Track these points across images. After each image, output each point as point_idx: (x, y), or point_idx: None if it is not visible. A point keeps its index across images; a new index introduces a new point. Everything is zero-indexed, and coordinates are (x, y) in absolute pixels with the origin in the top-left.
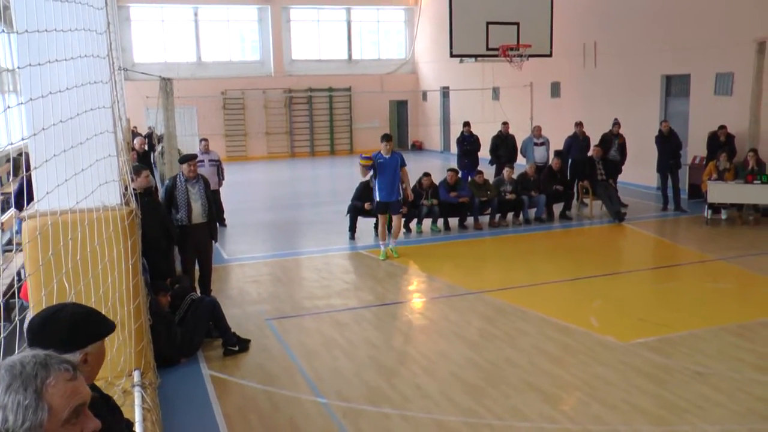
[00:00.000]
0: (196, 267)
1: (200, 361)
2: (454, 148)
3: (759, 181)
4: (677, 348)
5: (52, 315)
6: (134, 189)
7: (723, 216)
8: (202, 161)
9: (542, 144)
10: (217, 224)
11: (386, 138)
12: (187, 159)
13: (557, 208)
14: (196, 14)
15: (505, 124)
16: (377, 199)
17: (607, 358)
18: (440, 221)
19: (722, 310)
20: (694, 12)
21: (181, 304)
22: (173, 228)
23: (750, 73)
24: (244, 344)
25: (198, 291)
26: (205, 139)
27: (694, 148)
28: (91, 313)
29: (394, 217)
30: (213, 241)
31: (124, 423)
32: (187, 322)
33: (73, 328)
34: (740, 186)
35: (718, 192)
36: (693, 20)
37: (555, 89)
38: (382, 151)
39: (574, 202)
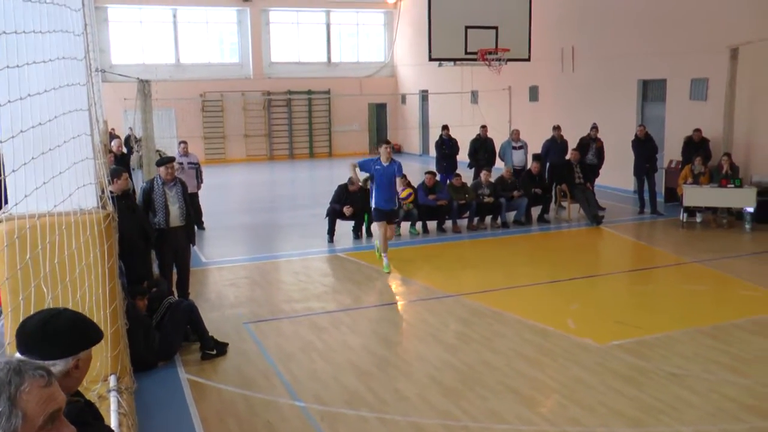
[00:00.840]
0: (174, 270)
1: (177, 365)
2: (432, 152)
3: (732, 185)
4: (654, 350)
5: (50, 320)
6: (111, 192)
7: (698, 219)
8: (181, 164)
9: (520, 148)
10: (195, 227)
11: (386, 142)
12: (165, 162)
13: (535, 211)
14: (174, 16)
15: (483, 127)
16: (374, 206)
17: (585, 360)
18: (419, 224)
19: (698, 312)
20: (670, 18)
21: (159, 308)
22: (151, 231)
23: (724, 79)
24: (221, 348)
25: (176, 294)
26: (184, 142)
27: (670, 152)
28: (85, 319)
29: (389, 228)
30: (191, 245)
31: (106, 430)
32: (165, 325)
33: (72, 334)
34: (715, 190)
35: (694, 196)
36: (669, 26)
37: (533, 93)
38: (381, 158)
39: (552, 205)
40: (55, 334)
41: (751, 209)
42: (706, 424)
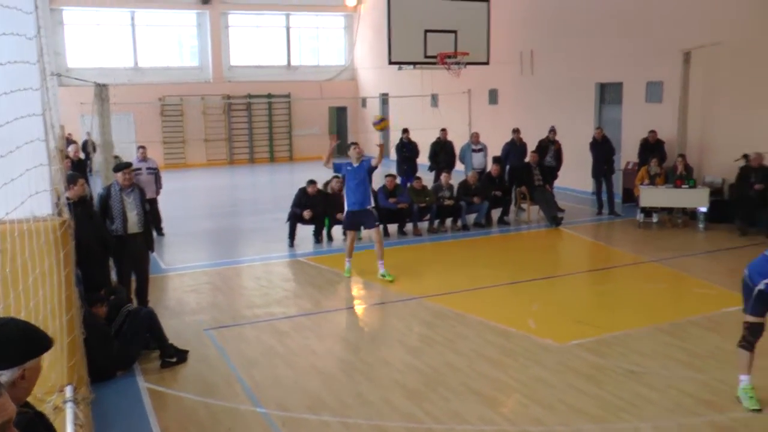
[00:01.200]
0: (133, 278)
1: (137, 373)
2: (393, 155)
3: (687, 186)
4: (613, 348)
5: None
6: (68, 198)
7: (654, 219)
8: (139, 169)
9: (480, 150)
10: (155, 233)
11: (354, 144)
12: (122, 167)
13: (495, 213)
14: (132, 18)
15: (443, 130)
16: (346, 209)
17: (546, 359)
18: (379, 227)
19: (655, 309)
20: (626, 23)
21: (117, 316)
22: (110, 237)
23: (678, 82)
24: (182, 355)
25: (135, 302)
26: (143, 147)
27: (627, 153)
28: (33, 328)
29: (373, 232)
30: (150, 251)
31: None
32: (124, 334)
33: (18, 343)
34: (670, 190)
35: (650, 196)
36: (625, 31)
37: (493, 96)
38: (351, 160)
39: (512, 207)
40: (1, 343)
41: (704, 209)
42: (664, 420)
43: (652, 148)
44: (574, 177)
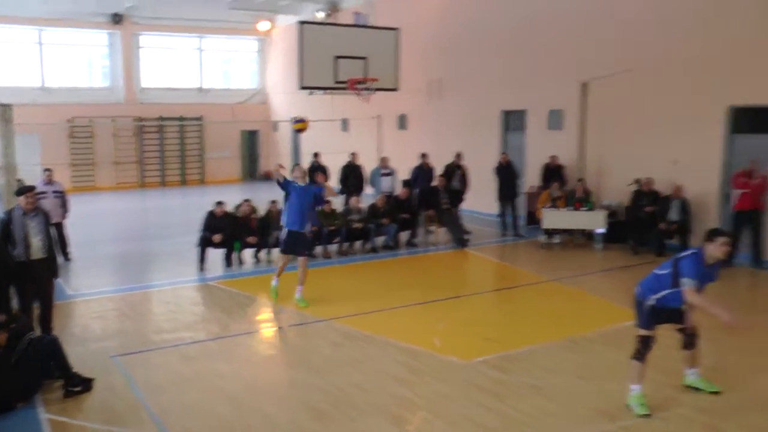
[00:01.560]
0: (36, 305)
1: (38, 404)
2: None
3: (585, 209)
4: (516, 364)
5: None
6: None
7: (556, 240)
8: (45, 193)
9: (389, 174)
10: (61, 258)
11: (297, 165)
12: (25, 191)
13: (404, 236)
14: (40, 36)
15: (353, 154)
16: (286, 228)
17: (451, 377)
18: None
19: (557, 326)
20: (529, 54)
21: (19, 345)
22: (12, 262)
23: (577, 110)
24: (86, 384)
25: (38, 330)
26: (49, 169)
27: (531, 177)
28: None
29: (300, 259)
30: (54, 277)
31: None
32: (25, 363)
33: None
34: (570, 213)
35: (552, 218)
36: (528, 62)
37: (402, 122)
38: (297, 180)
39: (420, 229)
40: None
41: (602, 230)
42: (562, 431)
43: (553, 172)
44: (481, 200)
